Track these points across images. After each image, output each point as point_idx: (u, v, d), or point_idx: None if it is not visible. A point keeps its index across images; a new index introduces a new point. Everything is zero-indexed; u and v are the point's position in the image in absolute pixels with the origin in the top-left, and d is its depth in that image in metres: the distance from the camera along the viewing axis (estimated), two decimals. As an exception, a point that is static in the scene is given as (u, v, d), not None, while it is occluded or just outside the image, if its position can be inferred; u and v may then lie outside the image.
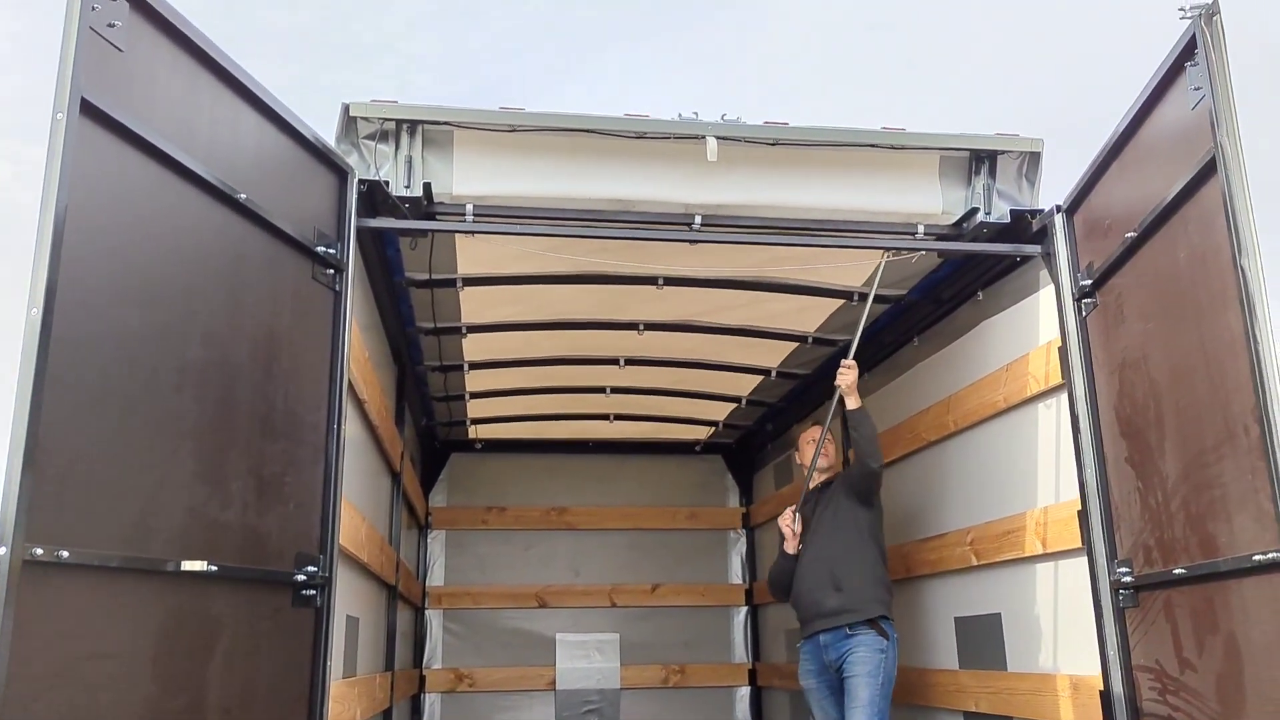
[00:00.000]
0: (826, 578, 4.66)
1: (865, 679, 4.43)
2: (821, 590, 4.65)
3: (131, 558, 2.47)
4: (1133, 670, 3.42)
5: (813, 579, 4.71)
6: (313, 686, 3.16)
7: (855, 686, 4.44)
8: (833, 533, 4.75)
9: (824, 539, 4.77)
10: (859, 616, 4.52)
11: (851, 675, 4.47)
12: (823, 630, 4.60)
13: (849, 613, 4.54)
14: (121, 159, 2.62)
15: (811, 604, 4.68)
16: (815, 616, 4.65)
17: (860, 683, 4.43)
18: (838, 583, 4.62)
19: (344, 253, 3.53)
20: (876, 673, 4.44)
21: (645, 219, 4.19)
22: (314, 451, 3.29)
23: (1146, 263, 3.23)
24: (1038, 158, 4.16)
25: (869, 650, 4.49)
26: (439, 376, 6.47)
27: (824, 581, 4.66)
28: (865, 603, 4.56)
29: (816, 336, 5.85)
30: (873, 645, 4.50)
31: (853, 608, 4.55)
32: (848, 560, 4.67)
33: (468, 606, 7.87)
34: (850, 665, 4.48)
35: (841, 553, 4.69)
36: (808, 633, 4.71)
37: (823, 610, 4.61)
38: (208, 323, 2.87)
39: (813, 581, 4.71)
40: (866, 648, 4.49)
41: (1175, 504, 3.07)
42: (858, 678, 4.45)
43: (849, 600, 4.58)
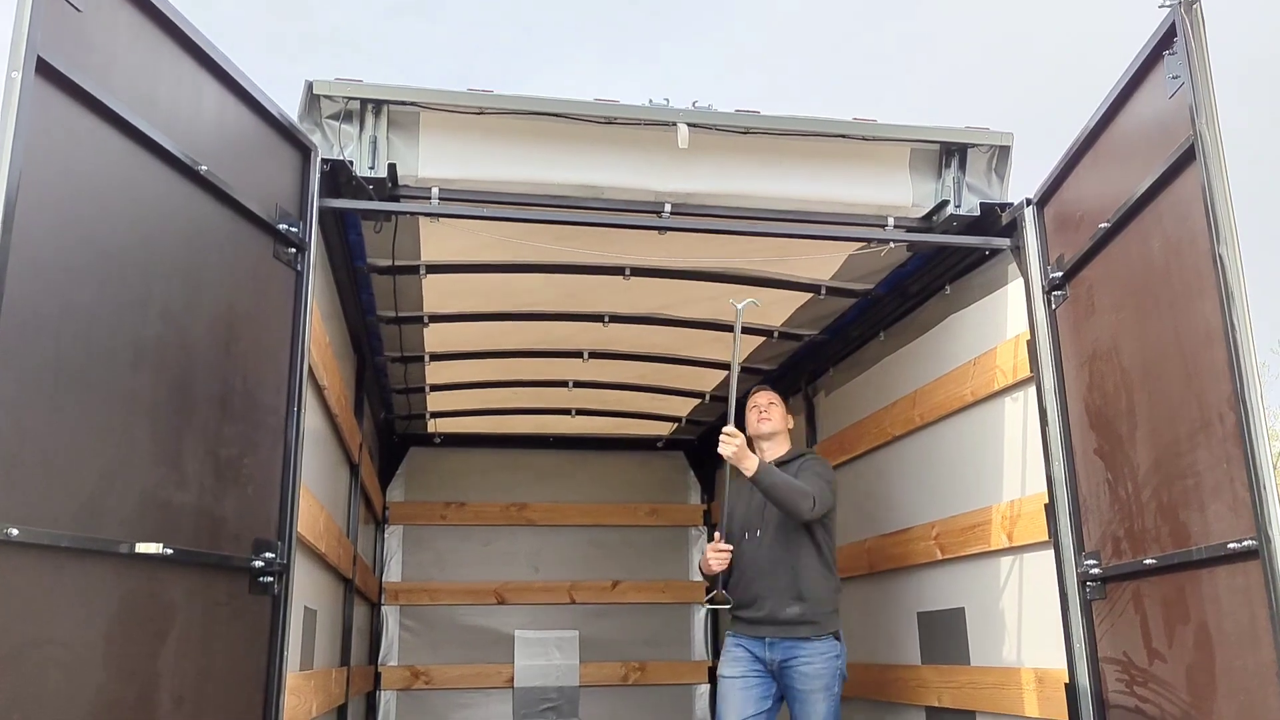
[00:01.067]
0: (787, 583, 4.21)
1: (823, 694, 4.08)
2: (779, 597, 4.20)
3: (83, 538, 2.37)
4: (1099, 662, 3.42)
5: (770, 581, 4.23)
6: (269, 677, 3.07)
7: (810, 702, 4.07)
8: (790, 529, 4.25)
9: (780, 534, 4.27)
10: (820, 631, 4.16)
11: (806, 689, 4.09)
12: (775, 637, 4.19)
13: (809, 625, 4.16)
14: (78, 124, 2.51)
15: (767, 609, 4.21)
16: (768, 622, 4.20)
17: (816, 698, 4.07)
18: (799, 590, 4.19)
19: (306, 232, 3.43)
20: (833, 684, 4.12)
21: (614, 206, 4.14)
22: (273, 435, 3.19)
23: (1119, 254, 3.24)
24: (1007, 151, 4.17)
25: (824, 660, 4.12)
26: (399, 368, 6.36)
27: (783, 587, 4.21)
28: (827, 615, 4.20)
29: (782, 331, 5.83)
30: (829, 652, 4.14)
31: (814, 619, 4.17)
32: (808, 564, 4.24)
33: (425, 603, 7.76)
34: (803, 676, 4.10)
35: (802, 554, 4.24)
36: (753, 634, 4.25)
37: (779, 618, 4.18)
38: (166, 299, 2.77)
39: (770, 584, 4.22)
40: (822, 656, 4.12)
41: (1146, 494, 3.08)
42: (814, 693, 4.08)
43: (811, 612, 4.18)
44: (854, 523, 5.70)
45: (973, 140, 4.13)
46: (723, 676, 4.29)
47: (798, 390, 6.46)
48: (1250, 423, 2.57)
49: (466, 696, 7.66)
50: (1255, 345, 2.59)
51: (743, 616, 4.30)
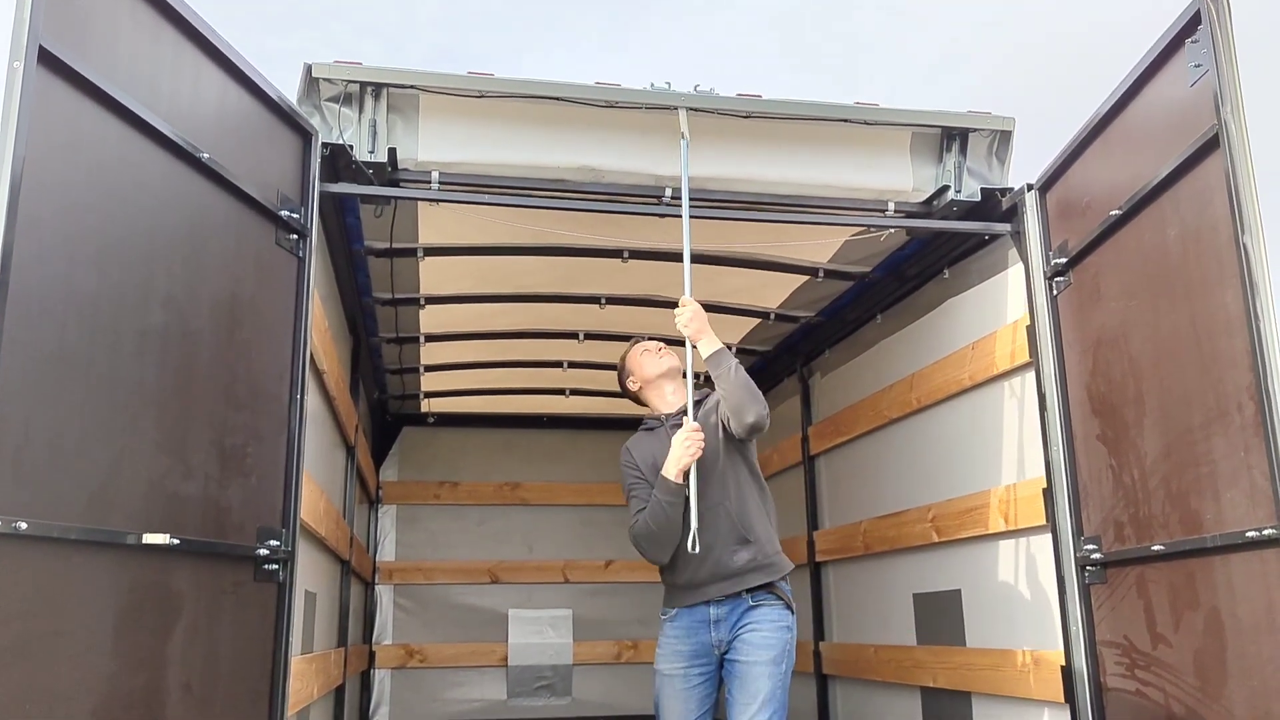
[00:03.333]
0: (728, 528, 3.58)
1: (769, 667, 3.49)
2: (723, 545, 3.57)
3: (92, 530, 2.36)
4: (1097, 646, 3.46)
5: (708, 534, 3.56)
6: (274, 663, 3.07)
7: (753, 676, 3.48)
8: (724, 469, 3.66)
9: (716, 479, 3.65)
10: (773, 575, 3.58)
11: (749, 660, 3.51)
12: (718, 599, 3.56)
13: (761, 570, 3.56)
14: (80, 112, 2.48)
15: (711, 563, 3.56)
16: (714, 579, 3.56)
17: (760, 672, 3.48)
18: (744, 532, 3.59)
19: (308, 217, 3.41)
20: (782, 658, 3.53)
21: (615, 191, 4.12)
22: (276, 423, 3.18)
23: (1130, 241, 3.24)
24: (1009, 136, 4.17)
25: (774, 629, 3.54)
26: (394, 348, 6.34)
27: (726, 533, 3.58)
28: (776, 555, 3.63)
29: (779, 313, 5.84)
30: (779, 621, 3.56)
31: (765, 563, 3.58)
32: (747, 503, 3.65)
33: (419, 582, 7.78)
34: (749, 646, 3.52)
35: (738, 494, 3.64)
36: (694, 600, 3.59)
37: (728, 569, 3.55)
38: (169, 287, 2.75)
39: (709, 537, 3.56)
40: (772, 625, 3.54)
41: (1154, 481, 3.10)
42: (757, 665, 3.49)
43: (760, 554, 3.58)
44: (849, 504, 5.73)
45: (974, 125, 4.12)
46: (659, 671, 3.69)
47: (793, 371, 6.47)
48: (1272, 412, 2.58)
49: (460, 675, 7.70)
50: (1278, 335, 2.60)
51: (680, 583, 3.65)
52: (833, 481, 6.04)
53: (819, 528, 6.15)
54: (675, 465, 3.53)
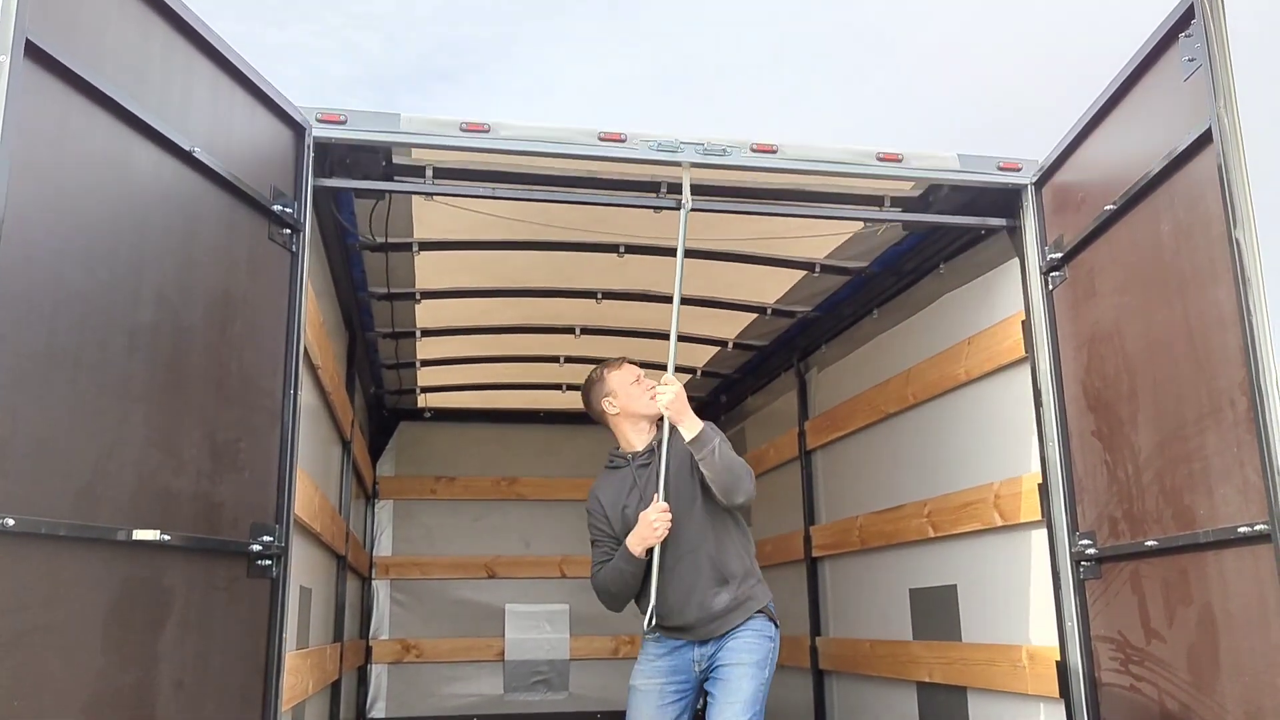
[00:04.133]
0: (708, 571, 3.57)
1: (750, 669, 3.51)
2: (704, 588, 3.56)
3: (81, 526, 2.35)
4: (1091, 641, 3.46)
5: (689, 577, 3.56)
6: (268, 659, 3.06)
7: (735, 678, 3.49)
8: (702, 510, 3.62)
9: (691, 518, 3.61)
10: (752, 610, 3.58)
11: (731, 663, 3.53)
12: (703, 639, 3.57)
13: (740, 608, 3.57)
14: (69, 107, 2.47)
15: (694, 609, 3.54)
16: (699, 623, 3.55)
17: (742, 673, 3.50)
18: (723, 574, 3.59)
19: (301, 212, 3.39)
20: (764, 663, 3.55)
21: (611, 184, 4.11)
22: (269, 418, 3.17)
23: (1124, 236, 3.23)
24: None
25: (757, 636, 3.56)
26: (390, 343, 6.33)
27: (706, 578, 3.57)
28: (754, 587, 3.63)
29: (776, 308, 5.82)
30: (761, 631, 3.58)
31: (744, 600, 3.58)
32: (725, 543, 3.63)
33: (415, 577, 7.77)
34: (731, 652, 3.54)
35: (716, 535, 3.62)
36: (680, 638, 3.59)
37: (711, 614, 3.55)
38: (160, 282, 2.74)
39: (690, 580, 3.55)
40: (755, 633, 3.56)
41: (1148, 477, 3.09)
42: (739, 667, 3.51)
43: (738, 593, 3.58)
44: (846, 499, 5.73)
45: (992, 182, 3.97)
46: (635, 687, 3.66)
47: (790, 366, 6.46)
48: (1265, 408, 2.57)
49: (457, 669, 7.70)
50: (1271, 331, 2.59)
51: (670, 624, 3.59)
52: (829, 476, 6.04)
53: (815, 523, 6.14)
54: (639, 543, 3.51)
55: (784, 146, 3.88)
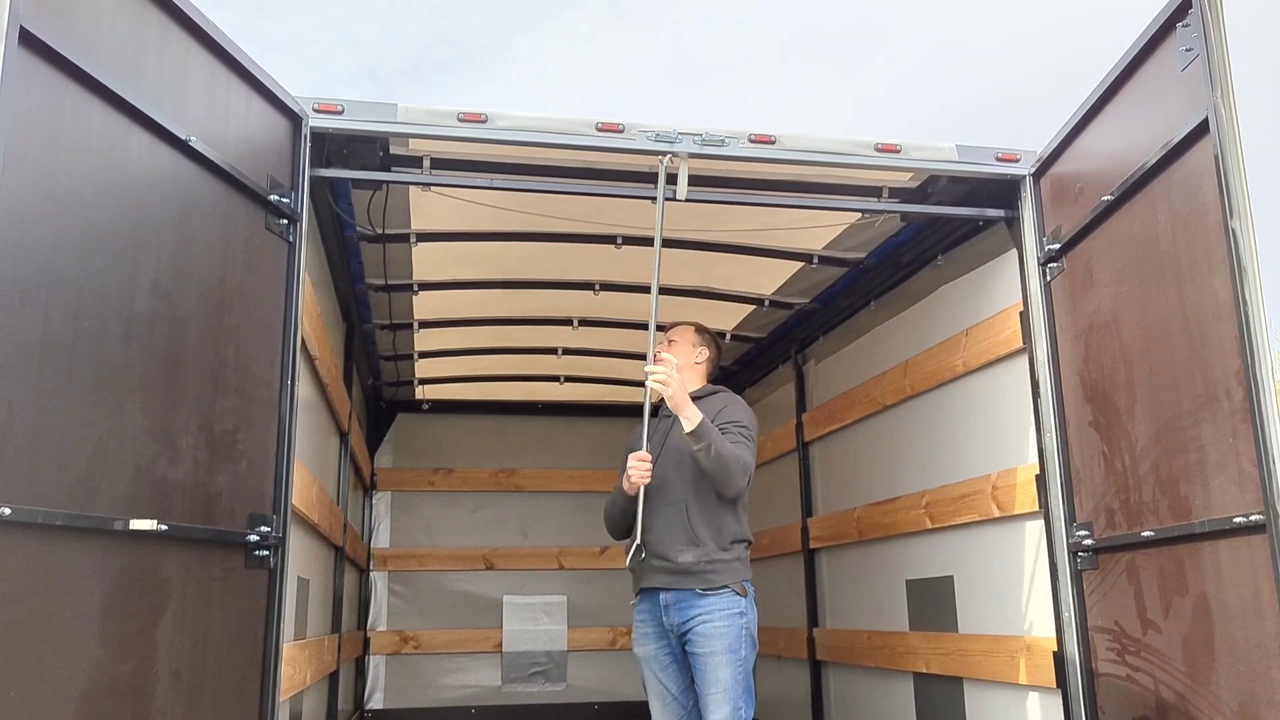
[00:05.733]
0: (680, 527, 3.72)
1: (725, 656, 3.56)
2: (672, 541, 3.71)
3: (77, 515, 2.34)
4: (1089, 632, 3.46)
5: (662, 526, 3.73)
6: (265, 649, 3.07)
7: (712, 666, 3.57)
8: (693, 472, 3.73)
9: (677, 474, 3.78)
10: (712, 584, 3.65)
11: (705, 652, 3.59)
12: (665, 589, 3.71)
13: (702, 576, 3.66)
14: (63, 95, 2.46)
15: (659, 556, 3.72)
16: (661, 571, 3.72)
17: (718, 661, 3.56)
18: (694, 535, 3.70)
19: (298, 202, 3.38)
20: (738, 645, 3.59)
21: (607, 175, 4.10)
22: (266, 409, 3.17)
23: (1122, 227, 3.23)
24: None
25: (725, 617, 3.60)
26: (388, 335, 6.33)
27: (676, 531, 3.71)
28: (724, 565, 3.70)
29: (773, 300, 5.82)
30: (729, 609, 3.62)
31: (708, 569, 3.67)
32: (705, 507, 3.74)
33: (413, 569, 7.78)
34: (702, 638, 3.61)
35: (698, 497, 3.74)
36: (645, 585, 3.78)
37: (673, 566, 3.68)
38: (155, 272, 2.73)
39: (662, 530, 3.73)
40: (722, 614, 3.60)
41: (1144, 467, 3.10)
42: (714, 655, 3.57)
43: (704, 560, 3.67)
44: (844, 491, 5.73)
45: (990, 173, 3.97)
46: (637, 656, 3.91)
47: (788, 358, 6.46)
48: (1260, 398, 2.57)
49: (455, 661, 7.71)
50: (1267, 320, 2.59)
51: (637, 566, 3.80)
52: (827, 468, 6.04)
53: (813, 515, 6.15)
54: (625, 483, 3.77)
55: (782, 137, 3.87)
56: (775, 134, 3.87)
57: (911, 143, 3.97)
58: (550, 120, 3.75)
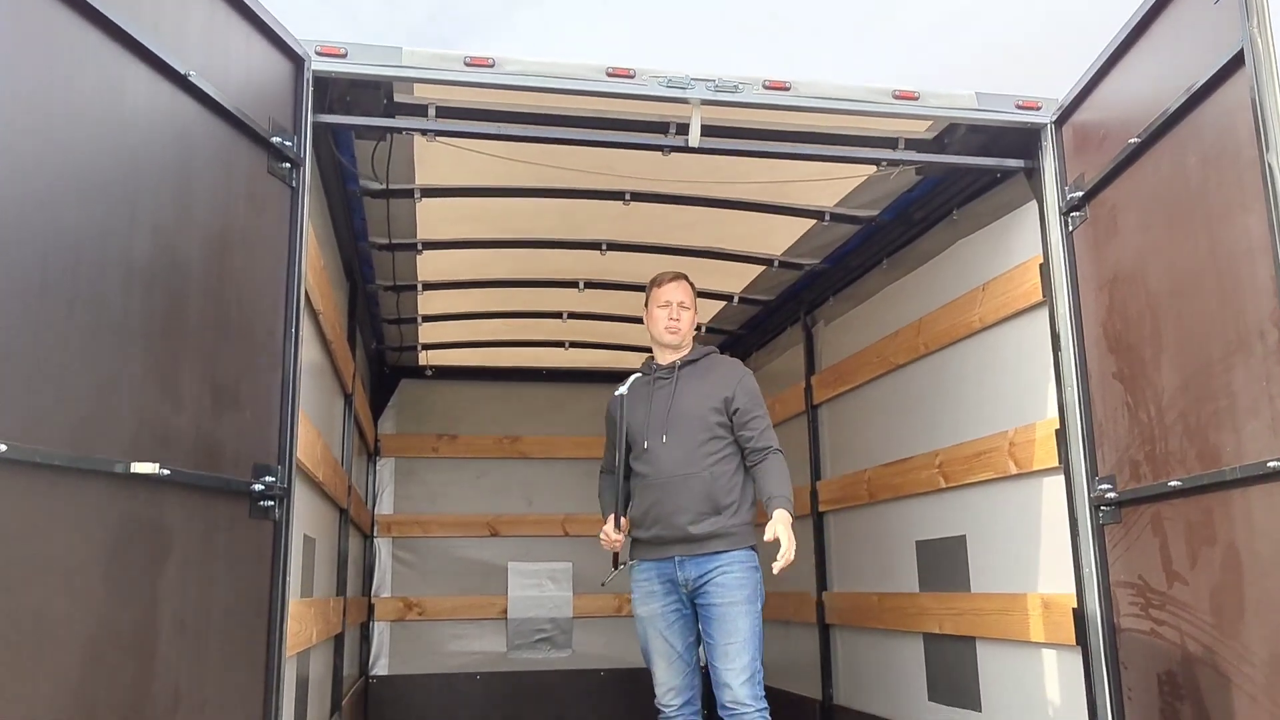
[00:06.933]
0: (701, 496, 3.71)
1: (744, 607, 3.60)
2: (691, 512, 3.70)
3: (77, 457, 2.26)
4: (1110, 587, 3.40)
5: (680, 493, 3.71)
6: (271, 602, 3.00)
7: (730, 617, 3.59)
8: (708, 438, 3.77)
9: (690, 437, 3.77)
10: (736, 544, 3.70)
11: (724, 602, 3.61)
12: (682, 556, 3.71)
13: (724, 538, 3.69)
14: (58, 23, 2.36)
15: (676, 528, 3.70)
16: (677, 541, 3.71)
17: (737, 612, 3.59)
18: (715, 503, 3.71)
19: (301, 146, 3.29)
20: (755, 597, 3.66)
21: (619, 125, 4.00)
22: (270, 358, 3.09)
23: (1149, 171, 3.13)
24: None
25: (743, 569, 3.65)
26: (391, 297, 6.24)
27: (697, 501, 3.70)
28: (743, 526, 3.75)
29: (783, 260, 5.73)
30: (746, 562, 3.68)
31: (730, 531, 3.71)
32: (722, 474, 3.76)
33: (417, 535, 7.73)
34: (721, 589, 3.62)
35: (715, 465, 3.75)
36: (659, 555, 3.77)
37: (692, 536, 3.69)
38: (155, 213, 2.64)
39: (680, 497, 3.70)
40: (740, 565, 3.65)
41: (1171, 417, 3.02)
42: (733, 605, 3.60)
43: (725, 525, 3.70)
44: (853, 453, 5.66)
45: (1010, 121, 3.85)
46: (639, 616, 3.86)
47: (796, 320, 6.38)
48: None
49: (460, 627, 7.67)
50: None
51: (645, 538, 3.81)
52: (836, 431, 5.97)
53: (821, 478, 6.08)
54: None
55: (797, 84, 3.77)
56: (790, 81, 3.77)
57: (930, 90, 3.87)
58: (559, 65, 3.65)
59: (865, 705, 5.42)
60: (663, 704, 3.82)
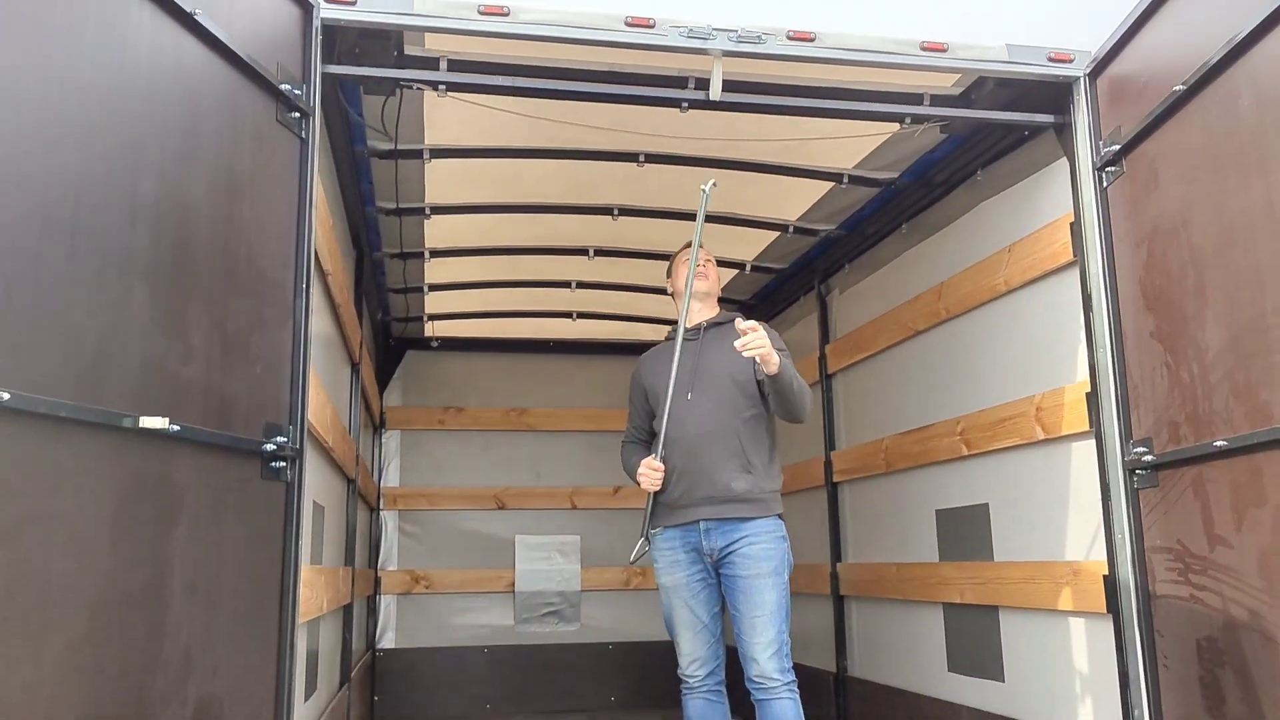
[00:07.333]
0: (733, 454, 3.61)
1: (771, 579, 3.51)
2: (722, 468, 3.59)
3: (83, 408, 2.16)
4: (1145, 553, 3.30)
5: (711, 455, 3.61)
6: (284, 566, 2.90)
7: (757, 589, 3.49)
8: (739, 396, 3.70)
9: (721, 396, 3.69)
10: (764, 511, 3.61)
11: (751, 574, 3.51)
12: (710, 519, 3.61)
13: (755, 504, 3.61)
14: (58, -49, 2.23)
15: (705, 485, 3.60)
16: (707, 502, 3.60)
17: (764, 584, 3.49)
18: (746, 460, 3.62)
19: (310, 95, 3.17)
20: (782, 568, 3.56)
21: (636, 79, 3.88)
22: (280, 312, 2.98)
23: (1195, 118, 3.01)
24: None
25: (770, 539, 3.56)
26: (398, 265, 6.12)
27: (728, 458, 3.61)
28: (773, 494, 3.69)
29: (798, 226, 5.61)
30: (774, 532, 3.58)
31: (761, 497, 3.62)
32: (755, 433, 3.69)
33: (424, 508, 7.64)
34: (748, 560, 3.53)
35: (745, 422, 3.68)
36: (684, 520, 3.64)
37: (723, 494, 3.58)
38: (160, 154, 2.52)
39: (713, 459, 3.60)
40: (769, 535, 3.56)
41: (1216, 376, 2.91)
42: (760, 577, 3.50)
43: (758, 487, 3.62)
44: (870, 422, 5.56)
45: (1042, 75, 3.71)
46: (664, 585, 3.75)
47: (810, 289, 6.26)
48: None
49: (467, 600, 7.60)
50: None
51: (671, 501, 3.68)
52: (851, 400, 5.86)
53: (836, 448, 5.98)
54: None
55: (822, 35, 3.64)
56: (815, 31, 3.65)
57: (959, 42, 3.74)
58: (576, 14, 3.53)
59: (882, 677, 5.34)
60: (686, 674, 3.72)
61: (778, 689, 3.43)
